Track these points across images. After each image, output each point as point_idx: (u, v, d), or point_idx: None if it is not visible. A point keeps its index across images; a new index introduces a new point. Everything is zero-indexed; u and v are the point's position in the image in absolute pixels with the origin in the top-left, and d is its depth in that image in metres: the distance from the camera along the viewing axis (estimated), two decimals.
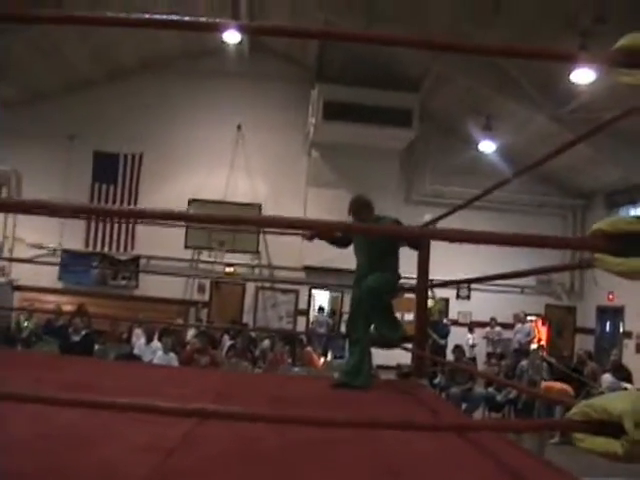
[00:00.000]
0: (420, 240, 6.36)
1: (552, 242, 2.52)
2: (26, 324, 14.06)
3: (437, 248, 6.07)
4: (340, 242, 6.76)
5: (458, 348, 13.43)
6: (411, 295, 7.35)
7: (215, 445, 3.46)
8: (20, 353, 10.09)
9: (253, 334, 14.57)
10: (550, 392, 10.64)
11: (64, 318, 13.54)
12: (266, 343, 12.97)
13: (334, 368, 11.55)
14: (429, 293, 7.02)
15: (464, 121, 17.60)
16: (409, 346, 6.86)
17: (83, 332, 11.87)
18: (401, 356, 12.33)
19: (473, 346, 18.31)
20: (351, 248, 6.59)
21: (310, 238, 6.77)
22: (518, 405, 11.51)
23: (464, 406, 11.27)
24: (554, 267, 3.39)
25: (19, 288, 18.42)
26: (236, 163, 18.79)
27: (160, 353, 10.50)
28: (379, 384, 6.70)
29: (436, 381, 12.14)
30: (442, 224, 6.31)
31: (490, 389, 11.96)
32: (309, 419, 2.69)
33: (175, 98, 18.79)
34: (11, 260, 17.87)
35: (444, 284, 6.02)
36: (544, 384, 11.57)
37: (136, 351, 11.22)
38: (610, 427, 2.13)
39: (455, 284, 5.20)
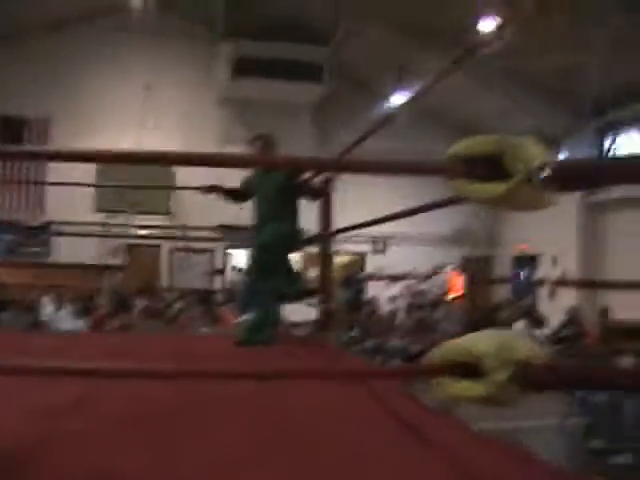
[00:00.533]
0: (320, 191, 6.16)
1: (410, 167, 2.43)
2: None
3: (348, 202, 6.00)
4: (239, 197, 6.58)
5: (369, 302, 13.46)
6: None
7: (111, 405, 3.35)
8: None
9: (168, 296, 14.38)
10: None
11: None
12: (177, 305, 12.83)
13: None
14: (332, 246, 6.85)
15: (376, 75, 17.52)
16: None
17: None
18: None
19: (392, 300, 18.36)
20: None
21: (207, 191, 6.56)
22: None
23: (378, 358, 11.28)
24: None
25: None
26: (146, 123, 18.34)
27: (69, 320, 10.26)
28: (285, 340, 6.60)
29: (352, 334, 12.15)
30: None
31: (405, 341, 11.99)
32: (203, 372, 2.58)
33: (81, 59, 18.21)
34: None
35: (345, 229, 5.83)
36: None
37: (44, 318, 10.93)
38: (473, 370, 2.00)
39: (358, 227, 5.02)
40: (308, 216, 6.83)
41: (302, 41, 16.47)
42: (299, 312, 8.91)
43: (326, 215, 6.76)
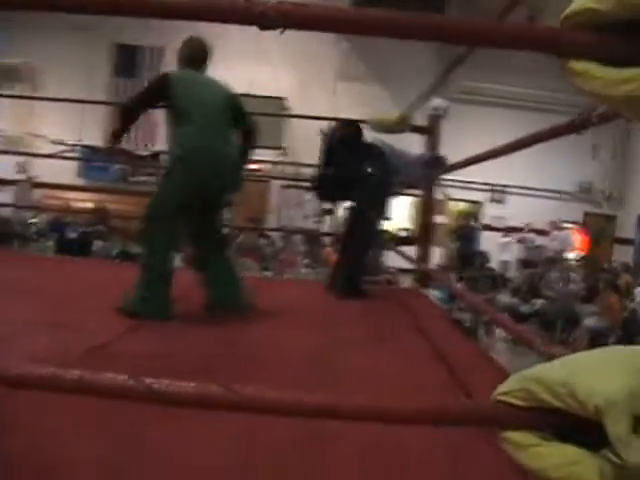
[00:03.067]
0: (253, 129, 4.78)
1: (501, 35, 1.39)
2: (33, 221, 13.55)
3: (470, 147, 5.37)
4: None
5: (481, 254, 12.63)
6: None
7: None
8: None
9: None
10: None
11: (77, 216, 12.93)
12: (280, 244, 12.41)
13: None
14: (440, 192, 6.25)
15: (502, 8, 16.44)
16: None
17: (80, 229, 11.23)
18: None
19: (506, 253, 17.49)
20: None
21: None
22: (544, 318, 10.77)
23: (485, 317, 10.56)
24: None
25: (40, 185, 18.01)
26: (261, 56, 17.80)
27: None
28: (382, 292, 6.21)
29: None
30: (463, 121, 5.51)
31: (515, 299, 11.21)
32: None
33: None
34: (29, 155, 17.37)
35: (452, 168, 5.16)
36: None
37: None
38: (578, 426, 1.13)
39: (465, 166, 4.32)
40: None
41: None
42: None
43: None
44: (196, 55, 4.74)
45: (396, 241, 6.32)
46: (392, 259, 8.99)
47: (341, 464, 2.13)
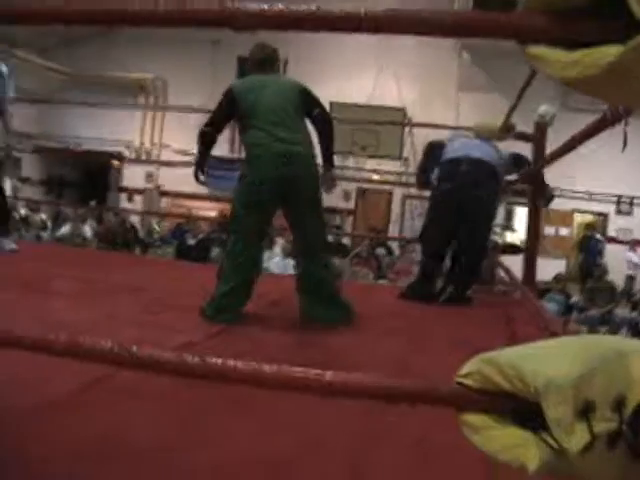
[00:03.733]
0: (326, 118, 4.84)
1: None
2: (157, 228, 14.04)
3: (591, 158, 5.23)
4: None
5: (599, 266, 12.27)
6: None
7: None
8: (111, 255, 9.74)
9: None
10: None
11: (197, 223, 13.29)
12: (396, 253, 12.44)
13: None
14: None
15: None
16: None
17: (200, 236, 11.59)
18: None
19: (633, 266, 16.95)
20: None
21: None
22: None
23: (603, 330, 10.26)
24: None
25: (166, 194, 18.70)
26: (383, 66, 17.88)
27: (277, 259, 10.04)
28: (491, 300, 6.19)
29: (573, 300, 11.13)
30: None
31: (634, 313, 10.85)
32: None
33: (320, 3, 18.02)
34: (158, 163, 18.11)
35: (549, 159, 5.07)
36: None
37: None
38: (525, 409, 1.13)
39: (548, 162, 4.14)
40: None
41: None
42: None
43: (539, 164, 5.99)
44: (260, 60, 4.77)
45: (503, 250, 6.24)
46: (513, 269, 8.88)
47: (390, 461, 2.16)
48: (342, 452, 2.16)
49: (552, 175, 6.46)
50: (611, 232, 18.10)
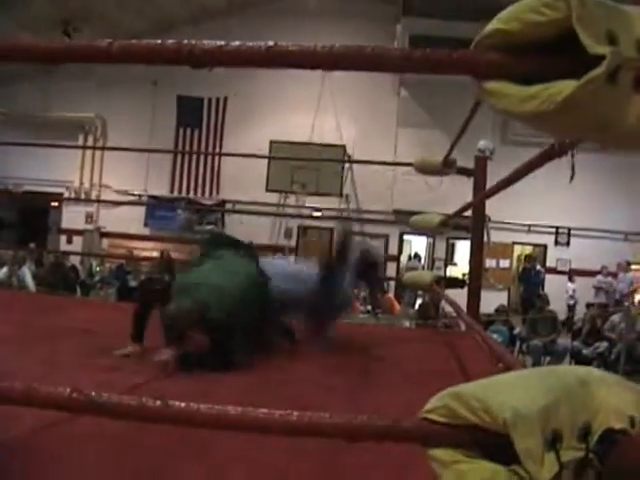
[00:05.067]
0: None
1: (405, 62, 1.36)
2: (98, 269, 13.87)
3: (530, 191, 5.32)
4: None
5: (540, 297, 12.42)
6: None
7: None
8: (51, 298, 9.52)
9: None
10: None
11: (139, 264, 13.14)
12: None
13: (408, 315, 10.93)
14: (484, 236, 6.16)
15: None
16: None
17: (142, 277, 11.45)
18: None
19: (572, 296, 17.26)
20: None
21: None
22: (608, 360, 10.55)
23: (547, 360, 10.39)
24: None
25: (106, 235, 18.55)
26: (322, 104, 18.02)
27: None
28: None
29: (516, 332, 11.27)
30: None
31: (576, 342, 11.01)
32: None
33: (259, 39, 18.10)
34: (96, 202, 17.97)
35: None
36: None
37: None
38: (493, 442, 1.13)
39: (498, 191, 4.16)
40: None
41: (481, 18, 15.56)
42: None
43: (480, 200, 6.01)
44: None
45: (446, 284, 6.25)
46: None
47: None
48: None
49: (491, 209, 6.54)
50: (550, 263, 18.41)
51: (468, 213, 6.09)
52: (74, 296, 11.27)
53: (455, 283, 6.08)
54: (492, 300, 13.10)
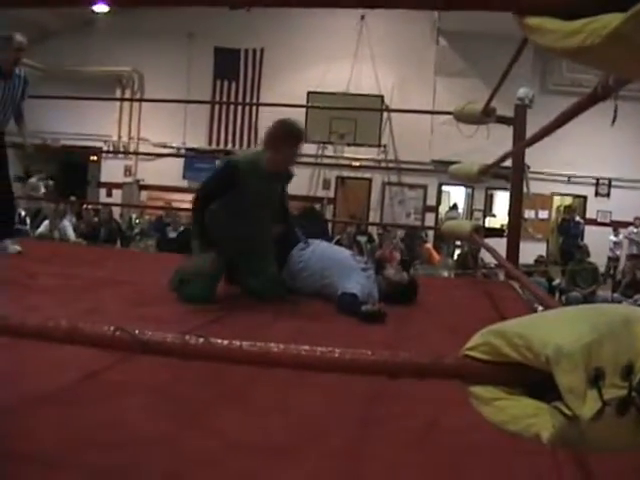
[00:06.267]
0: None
1: None
2: (137, 221, 13.95)
3: (569, 141, 5.24)
4: None
5: (580, 248, 12.30)
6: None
7: None
8: (93, 249, 9.63)
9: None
10: None
11: (177, 215, 13.11)
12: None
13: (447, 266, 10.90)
14: (524, 186, 6.10)
15: None
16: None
17: (181, 228, 11.48)
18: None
19: (612, 248, 17.08)
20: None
21: None
22: None
23: None
24: None
25: (145, 187, 18.66)
26: (360, 54, 17.84)
27: None
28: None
29: (555, 283, 11.19)
30: None
31: (616, 294, 10.92)
32: None
33: None
34: (137, 154, 18.09)
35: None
36: None
37: None
38: (535, 378, 1.13)
39: (527, 146, 4.08)
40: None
41: None
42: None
43: (519, 151, 5.97)
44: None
45: (485, 233, 6.22)
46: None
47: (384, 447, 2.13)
48: (341, 439, 2.14)
49: (530, 159, 6.47)
50: (591, 214, 18.22)
51: (508, 163, 6.06)
52: (115, 247, 11.37)
53: (494, 232, 6.05)
54: (530, 251, 13.01)
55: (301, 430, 2.15)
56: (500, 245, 6.29)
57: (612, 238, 17.23)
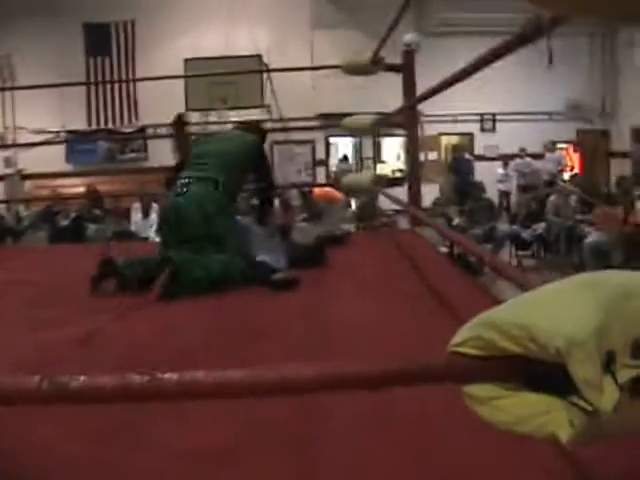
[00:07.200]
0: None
1: None
2: (25, 214, 13.42)
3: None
4: None
5: (475, 186, 12.46)
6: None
7: None
8: None
9: None
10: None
11: (67, 202, 12.61)
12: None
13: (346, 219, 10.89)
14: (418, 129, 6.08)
15: None
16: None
17: (72, 215, 11.02)
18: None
19: (501, 181, 17.42)
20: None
21: None
22: (548, 241, 10.73)
23: (488, 247, 10.46)
24: None
25: (29, 177, 17.95)
26: (234, 15, 17.50)
27: (155, 227, 9.45)
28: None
29: (454, 223, 11.29)
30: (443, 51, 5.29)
31: (514, 226, 11.14)
32: None
33: None
34: (14, 146, 17.38)
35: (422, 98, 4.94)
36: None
37: (132, 227, 10.47)
38: (549, 371, 0.99)
39: (430, 96, 4.06)
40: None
41: None
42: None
43: (410, 93, 5.94)
44: None
45: (386, 183, 6.20)
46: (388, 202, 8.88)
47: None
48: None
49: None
50: (478, 150, 18.52)
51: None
52: (4, 244, 10.84)
53: (396, 181, 6.05)
54: (426, 195, 13.08)
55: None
56: (396, 192, 6.30)
57: (500, 171, 17.54)
